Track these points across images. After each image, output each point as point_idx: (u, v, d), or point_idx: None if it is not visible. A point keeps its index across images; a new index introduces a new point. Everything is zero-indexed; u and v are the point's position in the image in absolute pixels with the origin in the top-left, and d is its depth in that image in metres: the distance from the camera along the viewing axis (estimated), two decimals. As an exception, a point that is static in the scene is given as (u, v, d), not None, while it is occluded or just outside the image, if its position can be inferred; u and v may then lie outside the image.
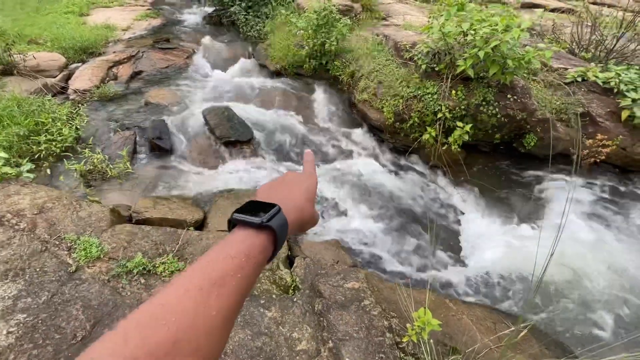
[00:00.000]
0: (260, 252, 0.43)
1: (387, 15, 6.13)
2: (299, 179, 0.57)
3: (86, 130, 3.84)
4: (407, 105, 3.75)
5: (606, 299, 2.43)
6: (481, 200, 3.42)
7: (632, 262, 2.68)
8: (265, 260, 0.44)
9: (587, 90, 3.65)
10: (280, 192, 0.54)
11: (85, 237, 2.15)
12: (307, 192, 0.56)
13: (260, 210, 0.46)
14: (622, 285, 2.51)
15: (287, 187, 0.55)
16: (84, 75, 4.83)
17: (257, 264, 0.42)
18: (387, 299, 2.15)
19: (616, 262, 2.68)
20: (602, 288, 2.49)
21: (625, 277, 2.55)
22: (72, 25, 6.27)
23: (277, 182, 0.57)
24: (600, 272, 2.59)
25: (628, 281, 2.52)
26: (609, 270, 2.60)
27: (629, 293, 2.45)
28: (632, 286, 2.49)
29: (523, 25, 2.99)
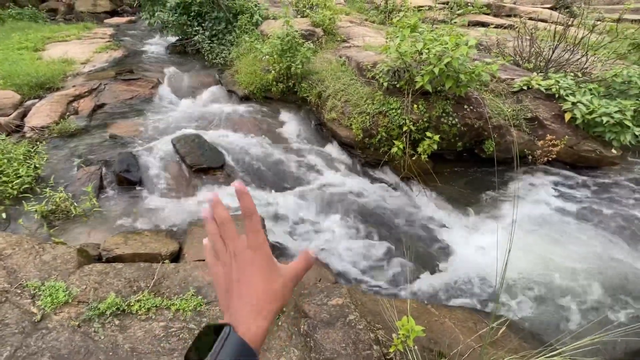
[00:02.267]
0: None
1: (347, 37, 6.44)
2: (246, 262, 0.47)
3: (46, 168, 3.65)
4: (373, 121, 3.92)
5: (572, 286, 2.61)
6: (452, 205, 3.59)
7: (590, 248, 2.90)
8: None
9: (533, 97, 4.01)
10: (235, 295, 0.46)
11: (50, 282, 2.02)
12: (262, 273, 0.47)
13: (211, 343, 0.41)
14: (584, 272, 2.70)
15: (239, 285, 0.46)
16: (41, 112, 4.63)
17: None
18: (371, 312, 2.17)
19: (576, 250, 2.89)
20: (567, 277, 2.66)
21: (585, 264, 2.75)
22: (27, 61, 6.04)
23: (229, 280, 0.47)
24: (564, 261, 2.78)
25: (588, 267, 2.72)
26: (571, 259, 2.80)
27: (591, 279, 2.63)
28: (591, 272, 2.69)
29: (470, 43, 3.28)
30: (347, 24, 7.30)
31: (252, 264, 0.47)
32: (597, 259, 2.81)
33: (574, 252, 2.86)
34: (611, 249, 2.93)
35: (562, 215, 3.31)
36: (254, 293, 0.45)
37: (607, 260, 2.79)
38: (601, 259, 2.82)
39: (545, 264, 2.77)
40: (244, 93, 5.46)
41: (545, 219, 3.25)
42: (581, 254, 2.85)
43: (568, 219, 3.28)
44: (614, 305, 2.48)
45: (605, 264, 2.76)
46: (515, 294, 2.59)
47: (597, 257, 2.83)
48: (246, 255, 0.47)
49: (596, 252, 2.87)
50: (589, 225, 3.18)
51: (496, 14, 9.11)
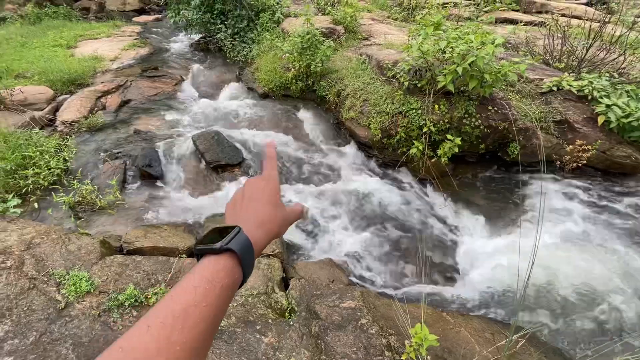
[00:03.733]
0: (225, 276, 0.43)
1: (368, 35, 6.35)
2: (258, 187, 0.55)
3: (75, 161, 3.82)
4: (392, 121, 3.85)
5: (600, 302, 2.46)
6: (471, 210, 3.47)
7: (622, 263, 2.73)
8: (234, 284, 0.44)
9: (563, 99, 3.81)
10: (242, 209, 0.53)
11: (74, 271, 2.11)
12: (270, 199, 0.54)
13: (222, 235, 0.46)
14: (611, 287, 2.54)
15: (248, 202, 0.54)
16: (72, 107, 4.85)
17: (223, 289, 0.42)
18: (384, 316, 2.13)
19: (604, 263, 2.72)
20: (595, 292, 2.52)
21: (616, 280, 2.59)
22: (60, 58, 6.34)
23: (239, 198, 0.55)
24: (590, 274, 2.63)
25: (617, 282, 2.56)
26: (598, 272, 2.64)
27: (620, 296, 2.48)
28: (622, 289, 2.53)
29: (497, 41, 3.15)
30: (369, 22, 7.20)
31: (262, 190, 0.55)
32: (628, 275, 2.63)
33: (603, 267, 2.70)
34: None
35: (591, 226, 3.13)
36: (261, 211, 0.53)
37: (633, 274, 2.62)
38: (633, 275, 2.64)
39: (571, 277, 2.62)
40: (264, 90, 5.50)
41: (572, 229, 3.08)
42: (611, 268, 2.68)
43: (597, 230, 3.09)
44: None
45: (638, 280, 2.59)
46: (537, 306, 2.47)
47: (629, 273, 2.65)
48: (259, 182, 0.56)
49: (628, 268, 2.70)
50: (621, 238, 2.99)
51: (526, 11, 8.71)
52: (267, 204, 0.53)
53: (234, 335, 1.91)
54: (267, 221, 0.52)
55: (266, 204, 0.53)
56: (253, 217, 0.51)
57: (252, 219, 0.51)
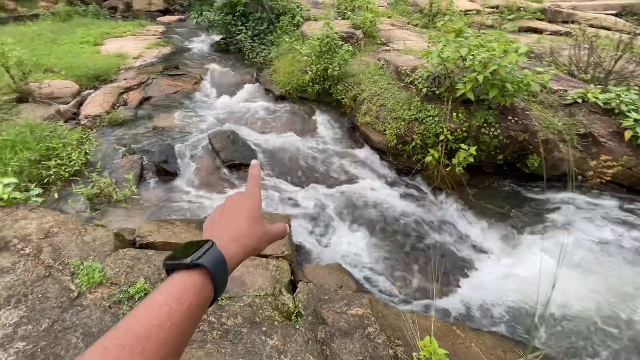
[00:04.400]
0: (194, 293, 0.40)
1: (387, 40, 6.32)
2: (238, 203, 0.54)
3: (95, 154, 3.94)
4: (408, 128, 3.80)
5: (619, 327, 2.34)
6: (486, 222, 3.37)
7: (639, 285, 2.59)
8: (204, 302, 0.42)
9: (588, 111, 3.68)
10: (220, 224, 0.52)
11: (88, 262, 2.15)
12: (249, 214, 0.53)
13: (195, 250, 0.44)
14: (631, 309, 2.41)
15: (226, 218, 0.53)
16: (95, 102, 5.01)
17: (191, 308, 0.39)
18: (392, 326, 2.09)
19: (623, 286, 2.59)
20: (615, 316, 2.39)
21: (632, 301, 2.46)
22: (87, 55, 6.58)
23: (218, 214, 0.54)
24: (610, 296, 2.50)
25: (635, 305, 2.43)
26: (617, 295, 2.51)
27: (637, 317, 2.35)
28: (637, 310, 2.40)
29: (520, 50, 3.07)
30: (388, 27, 7.17)
31: (242, 205, 0.54)
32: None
33: (625, 289, 2.56)
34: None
35: (614, 246, 2.99)
36: (238, 226, 0.51)
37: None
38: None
39: (591, 298, 2.51)
40: (280, 92, 5.54)
41: (594, 248, 2.95)
42: (628, 289, 2.55)
43: (620, 250, 2.95)
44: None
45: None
46: (553, 326, 2.37)
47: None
48: (239, 198, 0.55)
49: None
50: None
51: (551, 20, 8.50)
52: (245, 219, 0.52)
53: (240, 335, 1.90)
54: (243, 236, 0.50)
55: (244, 219, 0.52)
56: (229, 232, 0.50)
57: (228, 233, 0.50)
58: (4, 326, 1.73)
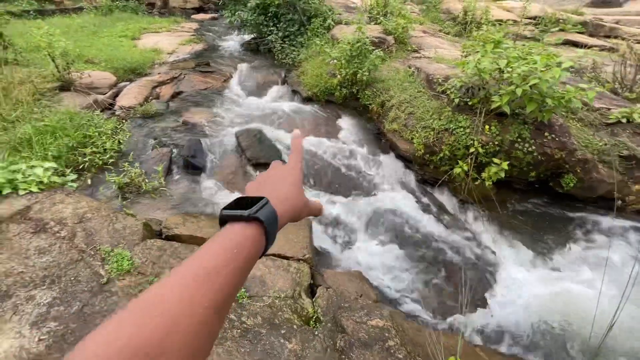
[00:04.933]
0: (251, 244, 0.43)
1: (418, 47, 6.23)
2: (283, 172, 0.57)
3: (127, 144, 4.08)
4: (438, 138, 3.72)
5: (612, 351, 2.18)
6: (514, 240, 3.24)
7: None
8: (257, 252, 0.44)
9: (633, 132, 3.47)
10: (266, 186, 0.54)
11: (118, 249, 2.22)
12: (293, 184, 0.55)
13: (249, 204, 0.46)
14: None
15: (272, 181, 0.55)
16: (130, 94, 5.20)
17: (248, 256, 0.42)
18: (412, 341, 2.03)
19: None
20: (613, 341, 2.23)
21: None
22: (125, 48, 6.85)
23: (263, 178, 0.57)
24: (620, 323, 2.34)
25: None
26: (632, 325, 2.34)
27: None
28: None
29: (564, 65, 2.94)
30: (420, 34, 7.08)
31: (287, 174, 0.57)
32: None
33: None
34: None
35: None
36: (284, 191, 0.53)
37: None
38: None
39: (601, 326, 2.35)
40: (307, 94, 5.56)
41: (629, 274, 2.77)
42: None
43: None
44: None
45: None
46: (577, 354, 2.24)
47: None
48: (284, 169, 0.58)
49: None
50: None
51: (592, 34, 8.14)
52: (291, 187, 0.55)
53: (259, 336, 1.90)
54: (291, 198, 0.53)
55: (290, 187, 0.55)
56: (278, 193, 0.52)
57: (276, 193, 0.51)
58: (39, 305, 1.81)
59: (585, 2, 11.45)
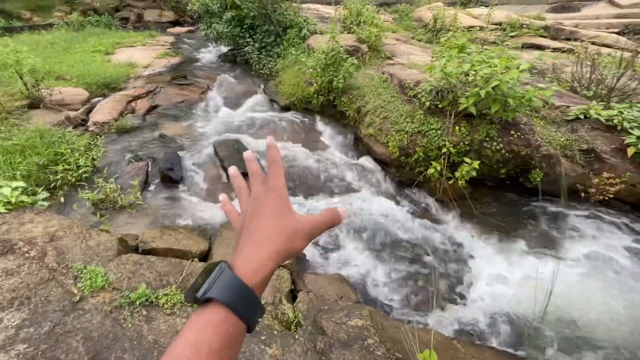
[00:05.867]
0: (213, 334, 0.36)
1: (392, 54, 6.44)
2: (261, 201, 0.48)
3: (102, 160, 4.00)
4: (411, 140, 3.84)
5: (622, 342, 2.30)
6: (488, 235, 3.37)
7: None
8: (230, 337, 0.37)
9: (591, 128, 3.70)
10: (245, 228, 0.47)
11: (92, 266, 2.18)
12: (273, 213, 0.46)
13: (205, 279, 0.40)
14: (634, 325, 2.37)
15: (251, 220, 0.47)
16: (104, 109, 5.12)
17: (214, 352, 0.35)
18: (391, 338, 2.07)
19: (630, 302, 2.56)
20: (617, 330, 2.36)
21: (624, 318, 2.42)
22: (98, 63, 6.75)
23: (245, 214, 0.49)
24: (613, 312, 2.47)
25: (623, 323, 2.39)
26: (621, 311, 2.48)
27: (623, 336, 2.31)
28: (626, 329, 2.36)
29: (522, 67, 3.12)
30: (393, 42, 7.31)
31: (265, 204, 0.47)
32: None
33: (626, 304, 2.53)
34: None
35: (617, 262, 2.96)
36: (262, 230, 0.45)
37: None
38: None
39: (592, 312, 2.48)
40: (285, 103, 5.63)
41: (596, 264, 2.92)
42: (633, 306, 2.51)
43: (623, 266, 2.92)
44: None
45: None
46: (555, 341, 2.34)
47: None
48: (263, 196, 0.48)
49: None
50: None
51: (554, 37, 8.61)
52: (270, 220, 0.46)
53: (239, 343, 1.90)
54: (272, 240, 0.44)
55: (269, 221, 0.46)
56: (255, 241, 0.44)
57: (253, 243, 0.44)
58: (6, 328, 1.75)
59: (546, 8, 12.14)
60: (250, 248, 0.43)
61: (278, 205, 0.47)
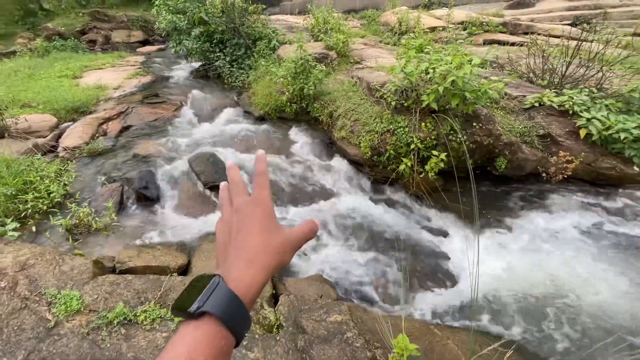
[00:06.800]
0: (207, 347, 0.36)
1: (360, 59, 6.63)
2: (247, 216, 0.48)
3: (74, 185, 3.94)
4: (382, 140, 3.97)
5: (586, 311, 2.45)
6: (460, 223, 3.51)
7: (603, 271, 2.74)
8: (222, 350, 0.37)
9: (546, 114, 3.94)
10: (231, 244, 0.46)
11: (66, 291, 2.16)
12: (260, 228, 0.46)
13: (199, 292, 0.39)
14: (597, 296, 2.54)
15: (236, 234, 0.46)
16: (74, 133, 5.03)
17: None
18: (371, 330, 2.14)
19: (589, 273, 2.73)
20: (580, 301, 2.51)
21: (599, 287, 2.59)
22: (65, 88, 6.63)
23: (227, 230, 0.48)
24: (576, 284, 2.63)
25: (602, 291, 2.56)
26: (583, 282, 2.65)
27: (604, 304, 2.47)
28: (605, 296, 2.53)
29: (474, 62, 3.31)
30: (362, 46, 7.52)
31: (251, 217, 0.47)
32: (609, 282, 2.64)
33: (586, 275, 2.71)
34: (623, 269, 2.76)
35: (577, 235, 3.16)
36: (251, 244, 0.45)
37: (619, 281, 2.62)
38: (612, 282, 2.65)
39: (558, 285, 2.63)
40: (260, 114, 5.70)
41: (559, 238, 3.11)
42: (593, 276, 2.69)
43: (583, 240, 3.12)
44: (628, 332, 2.31)
45: (618, 286, 2.59)
46: (524, 316, 2.47)
47: (610, 280, 2.66)
48: (248, 208, 0.48)
49: (609, 274, 2.71)
50: (606, 247, 3.01)
51: (512, 32, 9.07)
52: (258, 234, 0.46)
53: (220, 351, 1.92)
54: (262, 254, 0.44)
55: (257, 235, 0.46)
56: (244, 256, 0.44)
57: (242, 258, 0.44)
58: (-22, 361, 1.72)
59: (504, 5, 12.77)
60: (242, 263, 0.43)
61: (265, 220, 0.47)
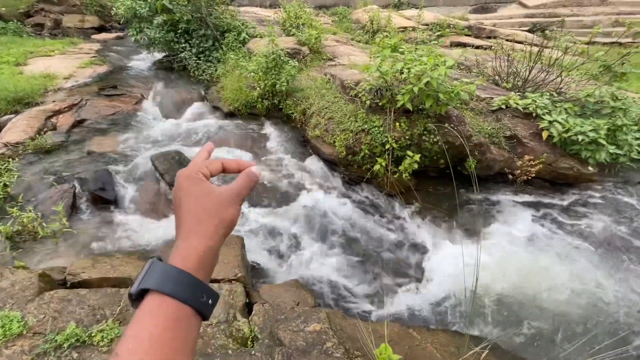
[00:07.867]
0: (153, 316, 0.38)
1: (333, 56, 6.55)
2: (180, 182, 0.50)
3: (17, 186, 3.50)
4: (356, 139, 3.92)
5: (553, 308, 2.58)
6: (433, 223, 3.57)
7: (568, 266, 2.90)
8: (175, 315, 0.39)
9: (512, 116, 4.11)
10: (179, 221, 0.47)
11: (4, 311, 1.87)
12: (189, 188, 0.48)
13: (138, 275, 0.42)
14: (563, 292, 2.68)
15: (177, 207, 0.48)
16: (16, 127, 4.49)
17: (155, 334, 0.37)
18: (350, 337, 2.08)
19: (555, 270, 2.89)
20: (547, 298, 2.64)
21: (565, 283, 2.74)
22: (6, 76, 5.90)
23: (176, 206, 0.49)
24: (544, 281, 2.77)
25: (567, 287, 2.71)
26: (550, 279, 2.79)
27: (571, 300, 2.62)
28: (570, 292, 2.68)
29: (448, 63, 3.35)
30: (334, 43, 7.45)
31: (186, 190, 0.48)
32: (574, 277, 2.80)
33: (552, 272, 2.86)
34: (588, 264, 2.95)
35: (541, 234, 3.32)
36: (186, 214, 0.46)
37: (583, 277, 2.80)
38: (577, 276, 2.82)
39: (526, 284, 2.74)
40: (229, 109, 5.43)
41: (525, 238, 3.25)
42: (559, 273, 2.85)
43: (546, 237, 3.29)
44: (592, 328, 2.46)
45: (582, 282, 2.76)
46: (497, 316, 2.54)
47: (575, 275, 2.83)
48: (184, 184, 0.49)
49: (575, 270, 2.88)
50: (568, 243, 3.20)
51: (477, 36, 9.46)
52: (192, 203, 0.47)
53: (190, 371, 1.76)
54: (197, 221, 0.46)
55: (190, 204, 0.47)
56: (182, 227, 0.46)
57: (182, 229, 0.46)
58: None
59: (469, 9, 13.32)
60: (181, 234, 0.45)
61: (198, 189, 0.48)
